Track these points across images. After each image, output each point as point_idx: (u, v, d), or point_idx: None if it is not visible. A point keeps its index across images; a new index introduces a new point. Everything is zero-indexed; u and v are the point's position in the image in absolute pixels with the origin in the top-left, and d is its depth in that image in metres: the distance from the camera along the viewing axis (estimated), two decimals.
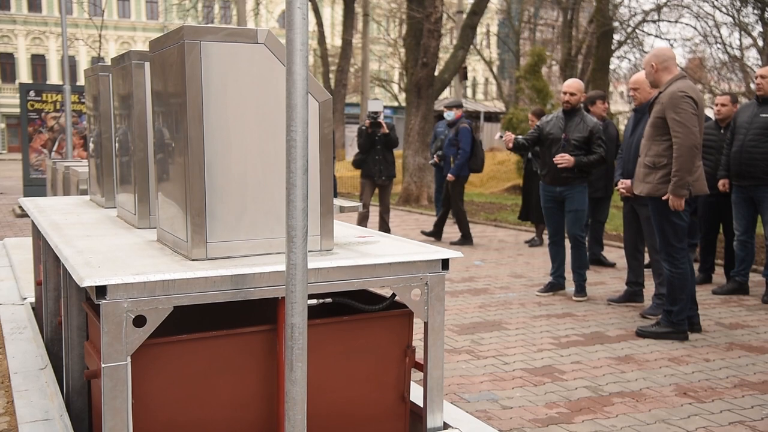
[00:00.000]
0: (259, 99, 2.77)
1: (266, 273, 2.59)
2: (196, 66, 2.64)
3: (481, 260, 8.20)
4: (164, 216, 3.07)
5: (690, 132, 4.68)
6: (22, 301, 5.35)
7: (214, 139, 2.70)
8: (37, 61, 46.61)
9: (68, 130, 11.57)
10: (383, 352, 3.02)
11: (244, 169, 2.77)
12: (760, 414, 3.63)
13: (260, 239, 2.82)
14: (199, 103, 2.66)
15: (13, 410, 3.30)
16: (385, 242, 3.29)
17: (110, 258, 2.74)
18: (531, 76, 16.94)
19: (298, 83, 2.11)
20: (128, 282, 2.39)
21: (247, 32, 2.74)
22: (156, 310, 2.44)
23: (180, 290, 2.47)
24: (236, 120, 2.74)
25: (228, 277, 2.54)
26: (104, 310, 2.37)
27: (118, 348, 2.39)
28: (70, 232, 3.40)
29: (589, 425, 3.44)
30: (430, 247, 3.15)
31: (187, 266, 2.59)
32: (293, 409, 2.20)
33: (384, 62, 41.94)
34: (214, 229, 2.73)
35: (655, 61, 4.93)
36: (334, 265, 2.74)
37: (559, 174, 6.12)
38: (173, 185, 2.88)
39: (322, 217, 2.94)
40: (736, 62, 19.93)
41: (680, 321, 4.94)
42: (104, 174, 4.38)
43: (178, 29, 2.70)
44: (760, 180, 6.20)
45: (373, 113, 9.26)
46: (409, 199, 14.26)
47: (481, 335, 5.05)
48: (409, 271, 2.93)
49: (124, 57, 3.72)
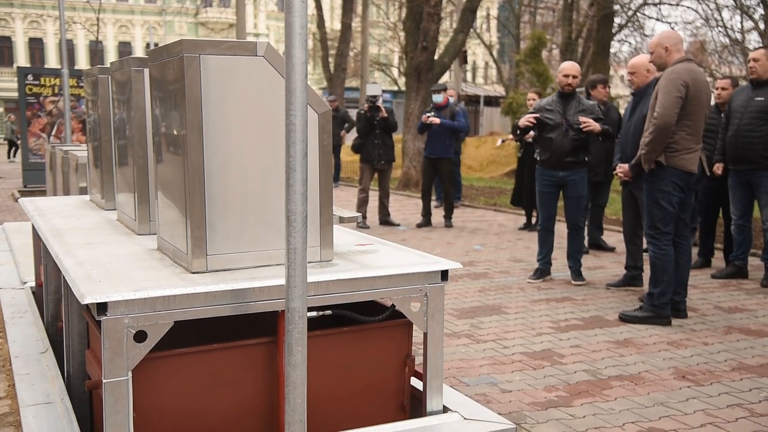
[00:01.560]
0: (258, 111, 2.77)
1: (266, 287, 2.61)
2: (195, 80, 2.64)
3: (481, 245, 8.21)
4: (164, 225, 3.08)
5: (666, 114, 4.72)
6: (22, 285, 5.36)
7: (213, 151, 2.71)
8: (35, 45, 46.38)
9: (67, 115, 11.54)
10: (383, 361, 3.04)
11: (244, 182, 2.77)
12: (758, 397, 3.65)
13: (260, 251, 2.83)
14: (199, 117, 2.66)
15: (14, 394, 3.31)
16: (385, 251, 3.30)
17: (111, 270, 2.74)
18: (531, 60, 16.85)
19: (297, 67, 2.10)
20: (129, 298, 2.40)
21: (247, 45, 2.74)
22: (157, 325, 2.46)
23: (181, 305, 2.49)
24: (236, 132, 2.74)
25: (228, 292, 2.55)
26: (105, 327, 2.38)
27: (120, 363, 2.41)
28: (71, 239, 3.41)
29: (587, 408, 3.46)
30: (430, 258, 3.16)
31: (187, 280, 2.60)
32: (293, 393, 2.21)
33: (384, 46, 41.75)
34: (215, 242, 2.74)
35: (669, 42, 4.92)
36: (334, 279, 2.75)
37: (562, 158, 6.09)
38: (173, 196, 2.89)
39: (321, 228, 2.95)
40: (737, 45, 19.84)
41: (662, 304, 4.95)
42: (104, 175, 4.40)
43: (177, 42, 2.70)
44: (756, 164, 6.20)
45: (372, 97, 9.22)
46: (408, 183, 14.24)
47: (480, 319, 5.06)
48: (408, 283, 2.94)
49: (123, 63, 3.73)
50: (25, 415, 2.99)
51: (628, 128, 5.67)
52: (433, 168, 9.53)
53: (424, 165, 9.82)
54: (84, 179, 5.38)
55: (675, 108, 4.72)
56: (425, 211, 9.62)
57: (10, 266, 6.04)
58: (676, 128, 4.78)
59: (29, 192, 12.61)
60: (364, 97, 9.63)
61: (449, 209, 9.62)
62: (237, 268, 2.78)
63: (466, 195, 12.95)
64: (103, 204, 4.44)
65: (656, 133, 4.76)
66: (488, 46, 36.73)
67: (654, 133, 4.78)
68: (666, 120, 4.73)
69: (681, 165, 4.82)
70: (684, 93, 4.73)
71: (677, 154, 4.81)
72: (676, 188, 4.85)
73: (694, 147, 4.85)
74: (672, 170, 4.83)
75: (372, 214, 9.80)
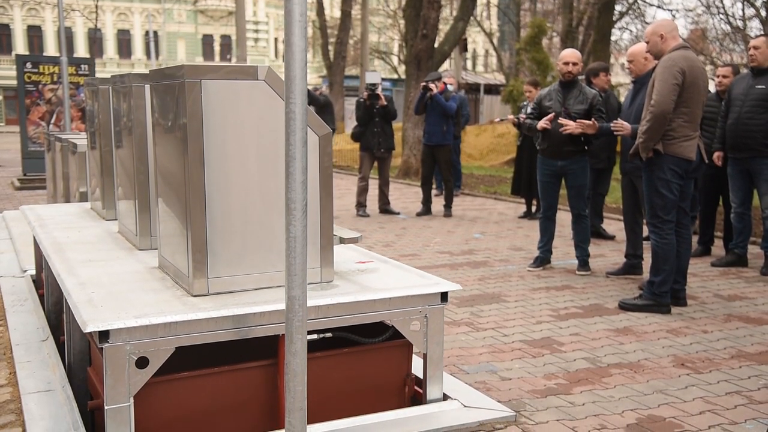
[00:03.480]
0: (259, 134, 2.79)
1: (267, 312, 2.63)
2: (196, 104, 2.65)
3: (481, 233, 8.21)
4: (165, 243, 3.09)
5: (663, 101, 4.70)
6: (22, 273, 5.36)
7: (214, 175, 2.72)
8: (34, 33, 46.20)
9: (66, 103, 11.51)
10: (383, 381, 3.06)
11: (244, 205, 2.79)
12: (757, 384, 3.66)
13: (261, 273, 2.86)
14: (200, 141, 2.68)
15: (15, 381, 3.32)
16: (385, 270, 3.32)
17: (112, 293, 2.76)
18: (531, 48, 16.81)
19: (296, 54, 2.09)
20: (131, 326, 2.42)
21: (248, 69, 2.76)
22: (158, 351, 2.48)
23: (182, 331, 2.51)
24: (237, 156, 2.76)
25: (229, 317, 2.57)
26: (107, 354, 2.40)
27: (121, 390, 2.42)
28: (72, 255, 3.42)
29: (587, 396, 3.47)
30: (430, 279, 3.17)
31: (188, 305, 2.61)
32: (293, 381, 2.22)
33: (383, 34, 41.58)
34: (215, 265, 2.76)
35: (664, 30, 4.90)
36: (334, 302, 2.78)
37: (561, 148, 6.07)
38: (174, 216, 2.90)
39: (322, 250, 2.98)
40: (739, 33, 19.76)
41: (662, 293, 4.96)
42: (105, 185, 4.43)
43: (178, 67, 2.71)
44: (756, 152, 6.18)
45: (371, 85, 9.19)
46: (408, 172, 14.22)
47: (480, 307, 5.07)
48: (408, 305, 2.96)
49: (125, 78, 3.74)
50: (26, 402, 3.01)
51: (628, 116, 5.65)
52: (432, 156, 9.52)
53: (423, 153, 9.80)
54: (84, 167, 5.37)
55: (672, 95, 4.71)
56: (425, 200, 9.62)
57: (10, 254, 6.05)
58: (674, 116, 4.77)
59: (29, 180, 12.60)
60: (364, 86, 9.59)
61: (449, 198, 9.61)
62: (238, 291, 2.80)
63: (466, 183, 12.94)
64: (104, 214, 4.48)
65: (653, 121, 4.75)
66: (488, 34, 36.62)
67: (651, 121, 4.76)
68: (663, 108, 4.72)
69: (679, 152, 4.81)
70: (681, 80, 4.71)
71: (675, 141, 4.80)
72: (675, 175, 4.85)
73: (692, 134, 4.83)
74: (670, 158, 4.82)
75: (372, 203, 9.80)
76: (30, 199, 10.82)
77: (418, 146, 14.26)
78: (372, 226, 8.63)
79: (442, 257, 6.82)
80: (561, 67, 6.12)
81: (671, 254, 4.94)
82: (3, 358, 3.73)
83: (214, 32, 50.63)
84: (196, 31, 50.24)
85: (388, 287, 2.98)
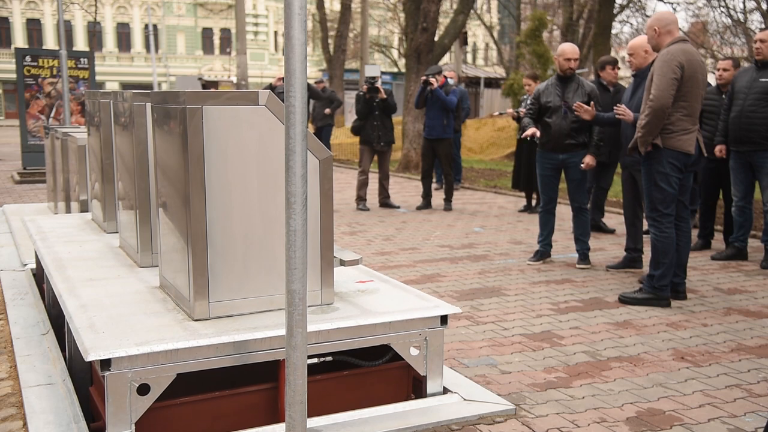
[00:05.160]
0: (260, 159, 2.80)
1: (267, 338, 2.64)
2: (197, 131, 2.66)
3: (481, 227, 8.21)
4: (167, 264, 3.10)
5: (662, 95, 4.69)
6: (22, 267, 5.36)
7: (216, 199, 2.74)
8: (33, 26, 46.09)
9: (65, 96, 11.49)
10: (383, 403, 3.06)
11: (246, 229, 2.80)
12: (757, 377, 3.66)
13: (262, 297, 2.88)
14: (201, 167, 2.69)
15: (16, 375, 3.32)
16: (385, 291, 3.33)
17: (114, 317, 2.77)
18: (532, 41, 16.75)
19: (296, 48, 2.09)
20: (132, 354, 2.43)
21: (248, 95, 2.77)
22: (160, 378, 2.49)
23: (183, 358, 2.52)
24: (238, 180, 2.77)
25: (230, 344, 2.59)
26: (109, 381, 2.41)
27: (123, 417, 2.44)
28: (73, 274, 3.44)
29: (587, 389, 3.48)
30: (430, 301, 3.18)
31: (189, 330, 2.63)
32: (293, 374, 2.22)
33: (383, 27, 41.49)
34: (217, 289, 2.78)
35: (658, 25, 4.89)
36: (335, 327, 2.79)
37: (561, 141, 6.07)
38: (176, 239, 2.91)
39: (323, 272, 3.00)
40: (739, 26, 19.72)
41: (662, 286, 4.96)
42: (106, 196, 4.45)
43: (179, 93, 2.71)
44: (759, 145, 6.18)
45: (371, 78, 9.17)
46: (408, 165, 14.22)
47: (480, 301, 5.07)
48: (408, 328, 2.98)
49: (126, 96, 3.75)
50: (27, 396, 3.01)
51: (629, 108, 5.64)
52: (432, 150, 9.51)
53: (423, 147, 9.79)
54: (84, 162, 5.36)
55: (671, 90, 4.70)
56: (425, 193, 9.61)
57: (10, 248, 6.05)
58: (673, 109, 4.76)
59: (28, 174, 12.59)
60: (364, 79, 9.57)
61: (449, 192, 9.61)
62: (239, 314, 2.82)
63: (466, 177, 12.94)
64: (105, 227, 4.52)
65: (652, 115, 4.74)
66: (489, 27, 36.51)
67: (650, 116, 4.76)
68: (662, 102, 4.71)
69: (678, 146, 4.81)
70: (679, 74, 4.70)
71: (674, 135, 4.80)
72: (674, 169, 4.84)
73: (691, 128, 4.83)
74: (669, 151, 4.81)
75: (372, 196, 9.79)
76: (30, 192, 10.82)
77: (418, 140, 14.25)
78: (372, 220, 8.63)
79: (442, 251, 6.82)
80: (562, 62, 6.09)
81: (671, 248, 4.94)
82: (3, 351, 3.74)
83: (214, 25, 50.51)
84: (195, 24, 50.11)
85: (388, 310, 3.01)
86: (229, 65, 46.41)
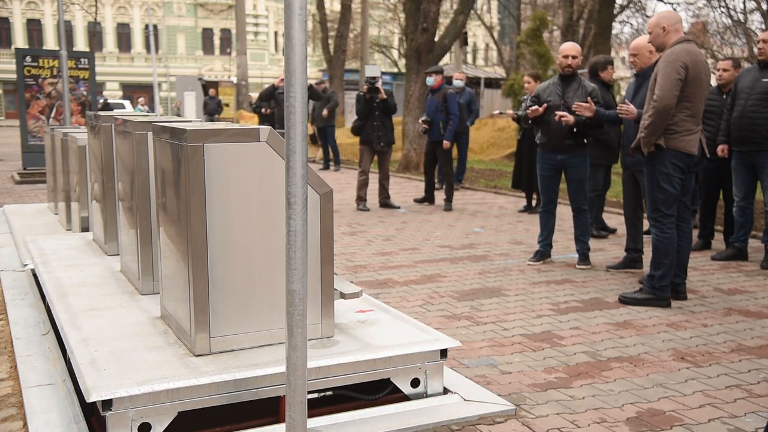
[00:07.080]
0: (261, 194, 2.82)
1: (269, 375, 2.66)
2: (199, 168, 2.69)
3: (481, 227, 8.21)
4: (168, 296, 3.11)
5: (666, 96, 4.68)
6: (23, 267, 5.36)
7: (217, 235, 2.75)
8: (33, 26, 46.11)
9: (66, 96, 11.49)
10: None
11: (247, 265, 2.82)
12: (757, 378, 3.66)
13: (262, 331, 2.89)
14: (202, 203, 2.70)
15: (16, 375, 3.32)
16: (385, 322, 3.34)
17: (115, 352, 2.79)
18: (532, 41, 16.74)
19: (296, 48, 2.09)
20: (134, 394, 2.45)
21: (249, 132, 2.80)
22: (160, 416, 2.51)
23: (184, 396, 2.54)
24: (239, 215, 2.79)
25: (231, 382, 2.61)
26: (110, 421, 2.43)
27: None
28: (75, 302, 3.46)
29: (587, 389, 3.48)
30: (430, 334, 3.19)
31: (191, 368, 2.64)
32: (294, 375, 2.22)
33: (384, 27, 41.49)
34: (218, 324, 2.80)
35: (666, 22, 4.87)
36: (335, 363, 2.81)
37: (561, 141, 6.06)
38: (177, 274, 2.92)
39: (323, 306, 3.01)
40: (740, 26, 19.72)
41: (663, 287, 4.96)
42: (107, 218, 4.47)
43: (180, 131, 2.73)
44: (761, 145, 6.18)
45: (371, 79, 9.17)
46: (409, 166, 14.21)
47: (480, 301, 5.07)
48: (408, 362, 3.00)
49: (127, 124, 3.75)
50: (27, 396, 3.01)
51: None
52: (433, 151, 9.59)
53: (426, 146, 9.87)
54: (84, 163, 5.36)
55: (674, 90, 4.69)
56: (428, 187, 9.65)
57: (10, 248, 6.05)
58: (676, 110, 4.76)
59: (29, 174, 12.59)
60: (364, 79, 9.57)
61: (449, 192, 9.61)
62: (240, 349, 2.84)
63: (466, 177, 12.92)
64: (106, 248, 4.55)
65: (656, 116, 4.74)
66: (489, 28, 36.50)
67: (653, 116, 4.75)
68: (666, 103, 4.70)
69: (681, 147, 4.80)
70: (683, 75, 4.69)
71: (677, 136, 4.79)
72: (676, 170, 4.84)
73: (694, 129, 4.82)
74: (672, 152, 4.81)
75: (372, 197, 9.79)
76: (30, 193, 10.82)
77: (419, 140, 14.26)
78: (372, 220, 8.63)
79: (442, 251, 6.82)
80: (561, 60, 6.10)
81: (672, 248, 4.93)
82: (4, 351, 3.74)
83: (214, 26, 50.53)
84: (195, 24, 50.12)
85: (389, 344, 3.02)
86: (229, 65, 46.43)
